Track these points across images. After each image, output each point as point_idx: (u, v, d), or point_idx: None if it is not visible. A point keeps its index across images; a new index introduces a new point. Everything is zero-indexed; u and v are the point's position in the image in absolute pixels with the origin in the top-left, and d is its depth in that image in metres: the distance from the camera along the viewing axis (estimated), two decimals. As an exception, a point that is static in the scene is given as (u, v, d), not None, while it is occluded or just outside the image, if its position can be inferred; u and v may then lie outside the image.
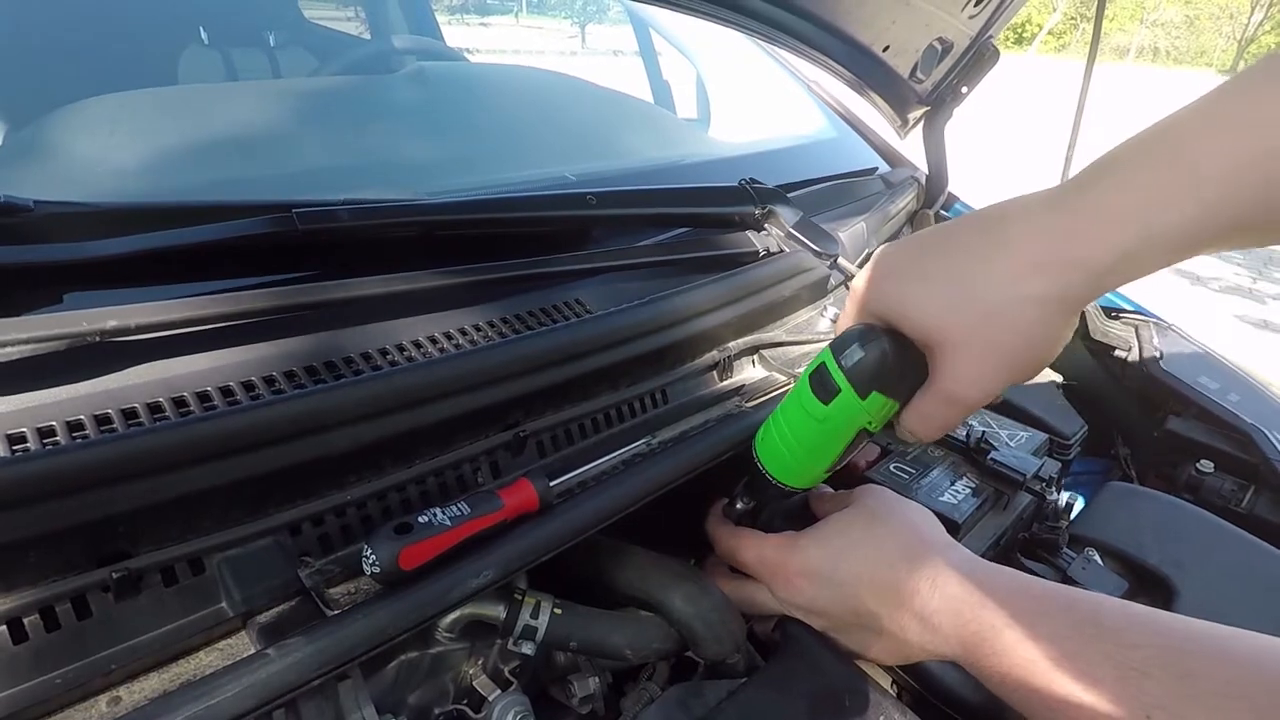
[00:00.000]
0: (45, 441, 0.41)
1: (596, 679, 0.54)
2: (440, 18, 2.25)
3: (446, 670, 0.51)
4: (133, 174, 0.70)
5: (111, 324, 0.44)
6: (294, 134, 0.85)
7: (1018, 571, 0.51)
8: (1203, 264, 5.39)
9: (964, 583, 0.49)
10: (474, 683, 0.52)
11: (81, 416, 0.42)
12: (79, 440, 0.40)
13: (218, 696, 0.35)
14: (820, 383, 0.49)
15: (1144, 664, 0.41)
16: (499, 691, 0.50)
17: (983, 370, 0.44)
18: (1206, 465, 0.88)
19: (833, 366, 0.48)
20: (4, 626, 0.37)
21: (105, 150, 0.74)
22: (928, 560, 0.52)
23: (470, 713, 0.51)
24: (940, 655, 0.51)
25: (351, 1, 2.17)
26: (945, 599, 0.49)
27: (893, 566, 0.52)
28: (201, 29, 1.61)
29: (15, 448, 0.40)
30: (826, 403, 0.49)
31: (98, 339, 0.43)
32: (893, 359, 0.47)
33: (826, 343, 0.51)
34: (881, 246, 0.49)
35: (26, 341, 0.41)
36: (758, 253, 0.78)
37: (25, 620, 0.37)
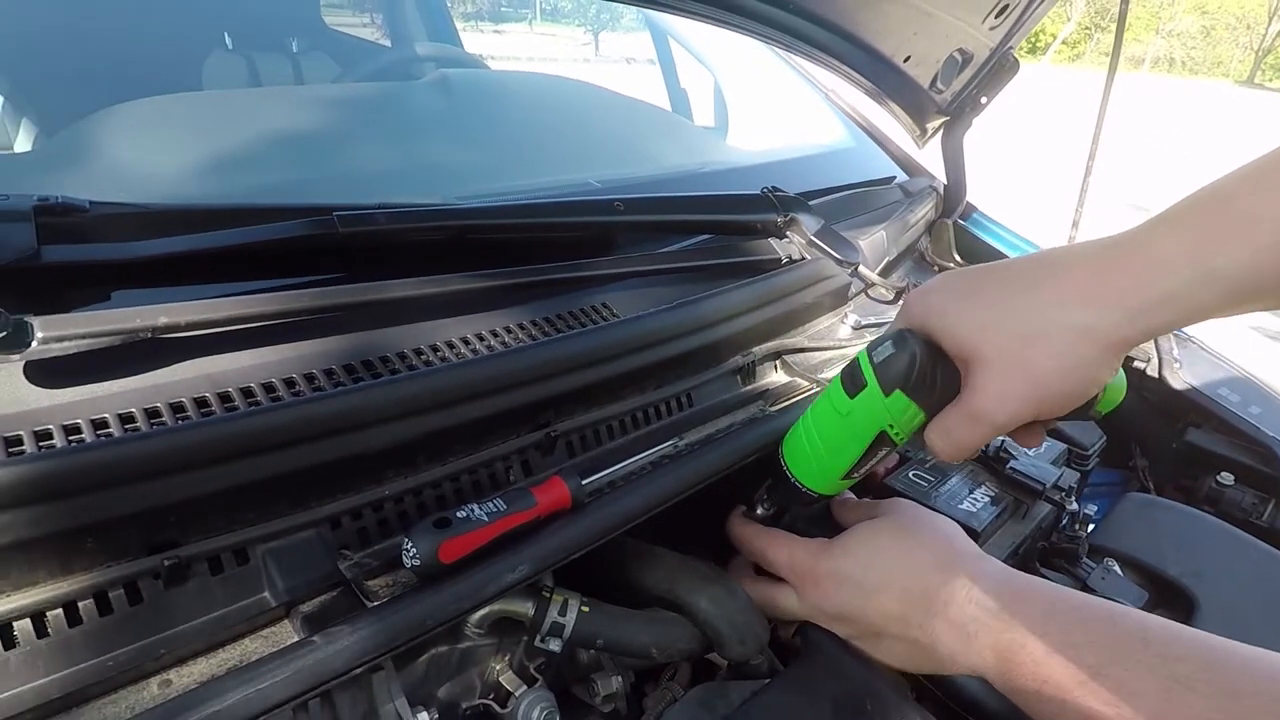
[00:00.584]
0: (99, 433, 0.42)
1: (619, 678, 0.55)
2: (456, 24, 2.28)
3: (474, 665, 0.52)
4: (176, 176, 0.72)
5: (163, 320, 0.45)
6: (328, 139, 0.87)
7: (1053, 583, 0.51)
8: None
9: (1000, 592, 0.50)
10: (500, 678, 0.53)
11: (133, 410, 0.44)
12: (132, 433, 0.42)
13: (266, 681, 0.36)
14: (850, 376, 0.51)
15: (1189, 679, 0.41)
16: (525, 687, 0.51)
17: (1011, 389, 0.44)
18: (1227, 478, 0.88)
19: (864, 360, 0.50)
20: (60, 610, 0.38)
21: (147, 152, 0.76)
22: (962, 570, 0.52)
23: (496, 707, 0.52)
24: (970, 667, 0.50)
25: (370, 7, 2.20)
26: (981, 607, 0.49)
27: (924, 576, 0.53)
28: (226, 35, 1.64)
29: (71, 438, 0.41)
30: (852, 396, 0.50)
31: (149, 335, 0.45)
32: (921, 362, 0.48)
33: (847, 348, 0.52)
34: (943, 273, 0.51)
35: (84, 337, 0.43)
36: (780, 260, 0.79)
37: (80, 604, 0.38)
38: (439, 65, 1.47)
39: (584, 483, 0.51)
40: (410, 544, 0.42)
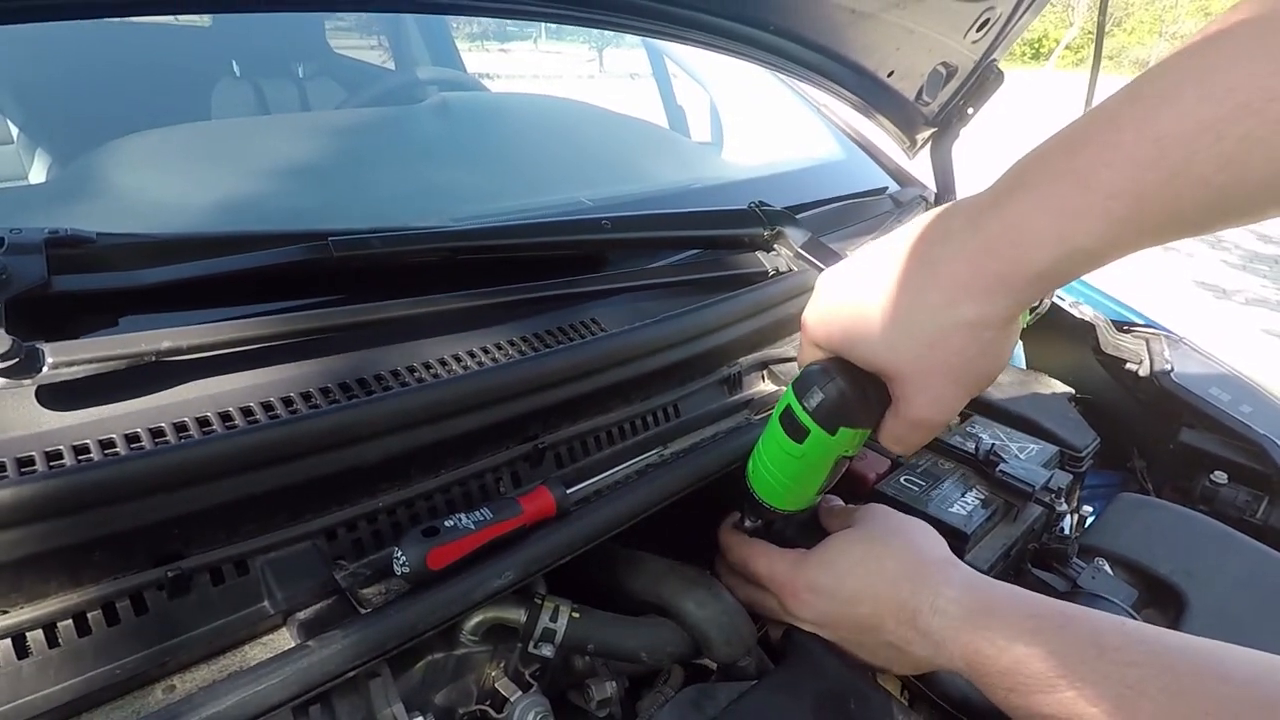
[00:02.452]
0: (106, 453, 0.44)
1: (614, 683, 0.57)
2: (461, 44, 2.32)
3: (470, 672, 0.54)
4: (182, 205, 0.75)
5: (166, 345, 0.47)
6: (326, 166, 0.90)
7: (1017, 588, 0.52)
8: (1228, 277, 5.32)
9: (963, 602, 0.51)
10: (496, 685, 0.54)
11: (138, 430, 0.46)
12: (136, 450, 0.44)
13: (264, 683, 0.38)
14: (790, 425, 0.51)
15: (1140, 683, 0.43)
16: (520, 693, 0.53)
17: (939, 394, 0.45)
18: (1220, 476, 0.89)
19: (798, 409, 0.50)
20: (70, 621, 0.40)
21: (154, 182, 0.79)
22: (929, 580, 0.54)
23: (493, 713, 0.53)
24: (948, 668, 0.52)
25: (376, 32, 2.25)
26: (945, 617, 0.51)
27: (895, 586, 0.54)
28: (234, 62, 1.68)
29: (80, 458, 0.44)
30: (800, 442, 0.51)
31: (154, 359, 0.47)
32: (851, 395, 0.48)
33: None
34: (822, 274, 0.51)
35: (92, 361, 0.45)
36: (767, 272, 0.81)
37: (89, 615, 0.41)
38: (440, 88, 1.51)
39: (569, 491, 0.53)
40: (400, 553, 0.44)
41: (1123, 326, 1.07)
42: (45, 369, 0.44)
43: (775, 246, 0.82)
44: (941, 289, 0.43)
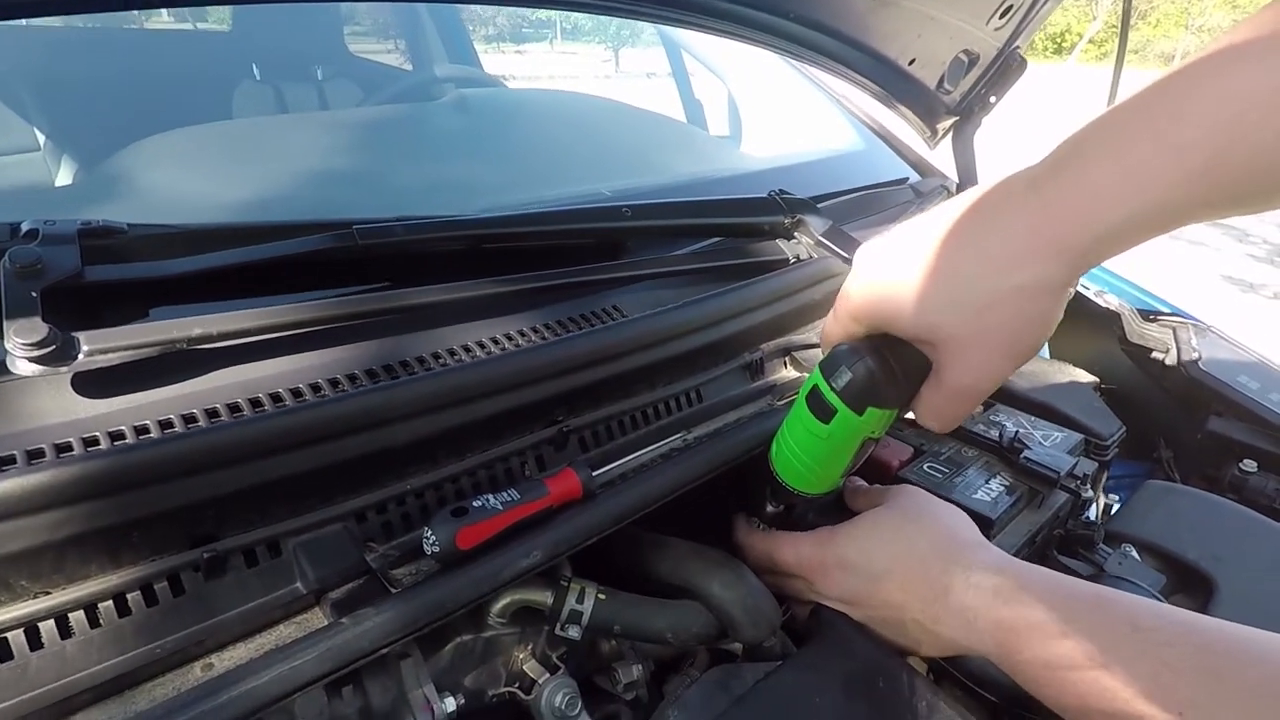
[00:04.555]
0: (141, 439, 0.45)
1: (640, 666, 0.57)
2: (478, 47, 2.34)
3: (498, 655, 0.55)
4: (205, 202, 0.76)
5: (197, 332, 0.48)
6: (349, 161, 0.91)
7: (1050, 570, 0.52)
8: (1254, 270, 5.24)
9: (997, 581, 0.51)
10: (524, 667, 0.55)
11: (171, 416, 0.47)
12: (170, 434, 0.45)
13: (299, 659, 0.39)
14: (817, 404, 0.51)
15: (1177, 663, 0.42)
16: (548, 675, 0.53)
17: (987, 361, 0.44)
18: (1250, 465, 0.88)
19: (825, 389, 0.50)
20: (110, 602, 0.41)
21: (177, 180, 0.80)
22: (961, 558, 0.53)
23: (521, 694, 0.54)
24: (974, 650, 0.52)
25: (393, 34, 2.27)
26: (979, 596, 0.51)
27: (925, 564, 0.54)
28: (254, 66, 1.70)
29: (116, 444, 0.45)
30: (826, 422, 0.50)
31: (185, 346, 0.48)
32: (881, 375, 0.48)
33: None
34: (861, 247, 0.50)
35: (125, 349, 0.46)
36: (788, 260, 0.80)
37: (129, 596, 0.42)
38: (458, 86, 1.52)
39: (595, 474, 0.53)
40: (430, 532, 0.45)
41: (1149, 315, 1.06)
42: (81, 356, 0.45)
43: (796, 234, 0.82)
44: (996, 253, 0.42)
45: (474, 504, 0.46)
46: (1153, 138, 0.36)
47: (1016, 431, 0.77)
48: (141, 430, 0.46)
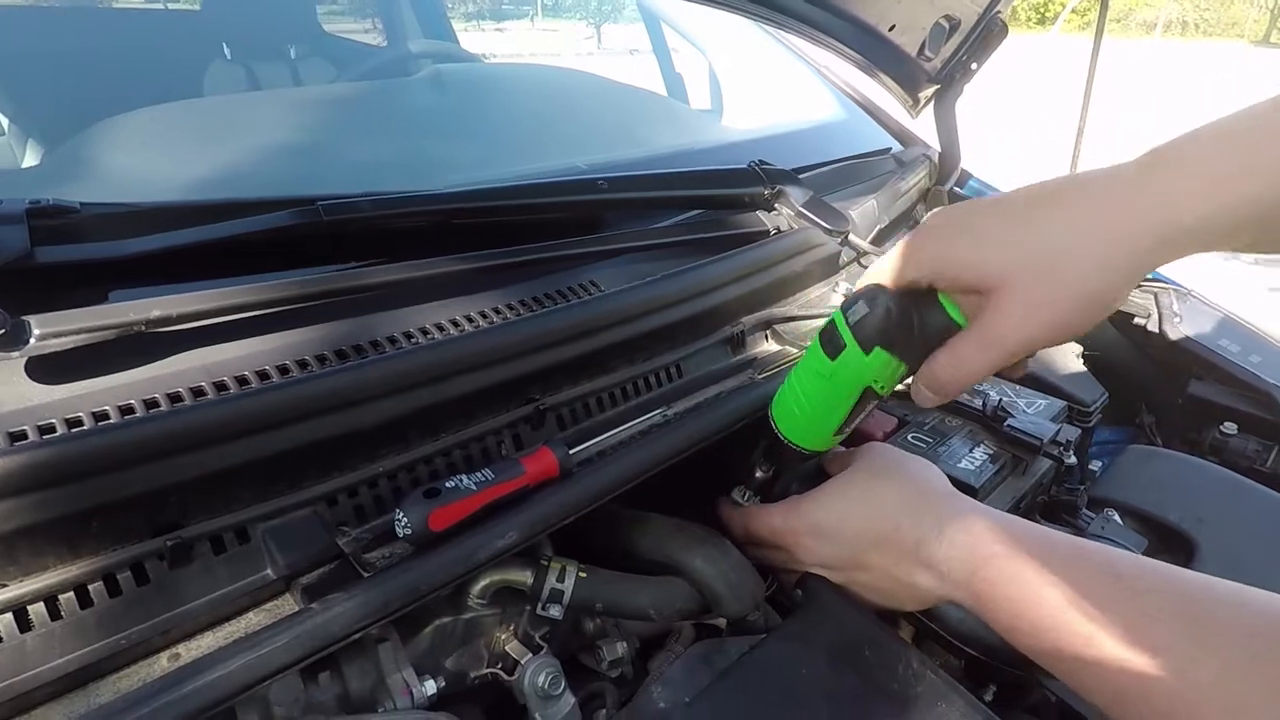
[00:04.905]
0: (100, 425, 0.44)
1: (624, 644, 0.57)
2: (456, 25, 2.29)
3: (480, 636, 0.54)
4: (171, 180, 0.74)
5: (156, 313, 0.47)
6: (318, 136, 0.88)
7: (1024, 520, 0.51)
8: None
9: (971, 530, 0.50)
10: (506, 648, 0.54)
11: (132, 402, 0.45)
12: (131, 419, 0.43)
13: (267, 647, 0.38)
14: (829, 339, 0.51)
15: (1155, 609, 0.42)
16: (531, 655, 0.53)
17: (1034, 309, 0.44)
18: (1230, 427, 0.88)
19: (840, 322, 0.50)
20: (71, 593, 0.40)
21: (142, 159, 0.78)
22: (933, 510, 0.53)
23: (504, 676, 0.53)
24: (953, 599, 0.52)
25: (369, 13, 2.22)
26: (954, 546, 0.50)
27: (897, 520, 0.54)
28: (225, 45, 1.66)
29: (73, 430, 0.43)
30: (833, 358, 0.51)
31: (143, 328, 0.47)
32: (897, 316, 0.48)
33: None
34: (933, 211, 0.50)
35: (78, 332, 0.44)
36: (768, 231, 0.79)
37: (90, 587, 0.40)
38: (435, 62, 1.48)
39: (572, 452, 0.52)
40: (402, 514, 0.44)
41: (1131, 281, 1.06)
42: (33, 340, 0.43)
43: (776, 206, 0.81)
44: (1086, 208, 0.42)
45: (447, 485, 0.45)
46: (1251, 139, 0.39)
47: (1000, 400, 0.77)
48: (101, 417, 0.44)
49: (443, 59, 1.59)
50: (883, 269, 0.51)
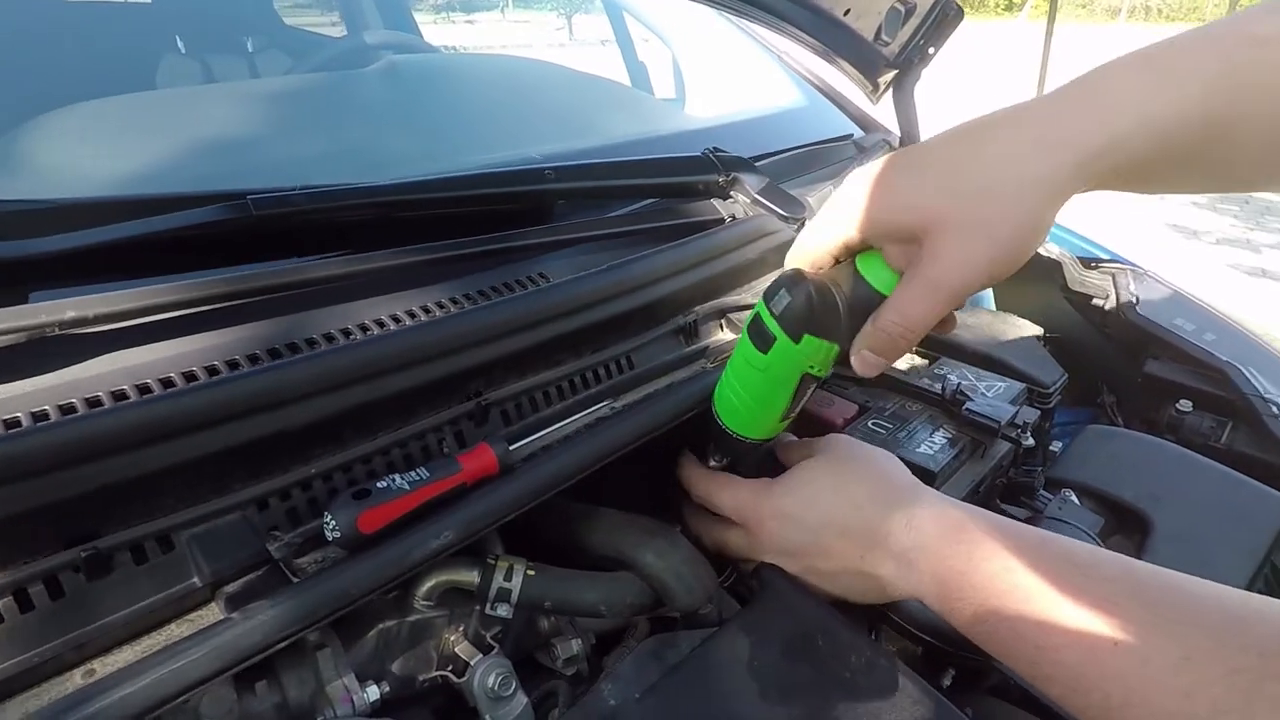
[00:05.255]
0: (10, 432, 0.42)
1: (579, 640, 0.56)
2: (424, 17, 2.25)
3: (428, 638, 0.52)
4: (106, 175, 0.71)
5: (70, 314, 0.44)
6: (260, 130, 0.86)
7: (989, 511, 0.52)
8: (1198, 218, 5.37)
9: (938, 522, 0.50)
10: (456, 649, 0.53)
11: (46, 407, 0.43)
12: (37, 425, 0.41)
13: (183, 660, 0.36)
14: (757, 332, 0.50)
15: (1114, 597, 0.42)
16: (480, 656, 0.51)
17: (972, 251, 0.43)
18: (1185, 405, 0.89)
19: (765, 315, 0.49)
20: (-23, 610, 0.38)
21: (79, 154, 0.75)
22: (898, 502, 0.53)
23: (453, 678, 0.52)
24: (915, 593, 0.51)
25: (329, 7, 2.18)
26: (920, 536, 0.50)
27: (861, 510, 0.54)
28: (178, 38, 1.61)
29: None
30: (765, 352, 0.50)
31: (57, 331, 0.44)
32: (818, 302, 0.47)
33: None
34: (851, 172, 0.49)
35: (-15, 335, 0.42)
36: (723, 219, 0.78)
37: (-1, 602, 0.38)
38: (393, 53, 1.45)
39: (513, 447, 0.51)
40: (330, 517, 0.42)
41: (1089, 263, 1.06)
42: (-66, 345, 0.41)
43: (732, 193, 0.80)
44: (1007, 142, 0.43)
45: (378, 485, 0.44)
46: (1169, 53, 0.40)
47: (959, 384, 0.77)
48: (11, 424, 0.42)
49: (401, 50, 1.56)
50: (810, 242, 0.51)
